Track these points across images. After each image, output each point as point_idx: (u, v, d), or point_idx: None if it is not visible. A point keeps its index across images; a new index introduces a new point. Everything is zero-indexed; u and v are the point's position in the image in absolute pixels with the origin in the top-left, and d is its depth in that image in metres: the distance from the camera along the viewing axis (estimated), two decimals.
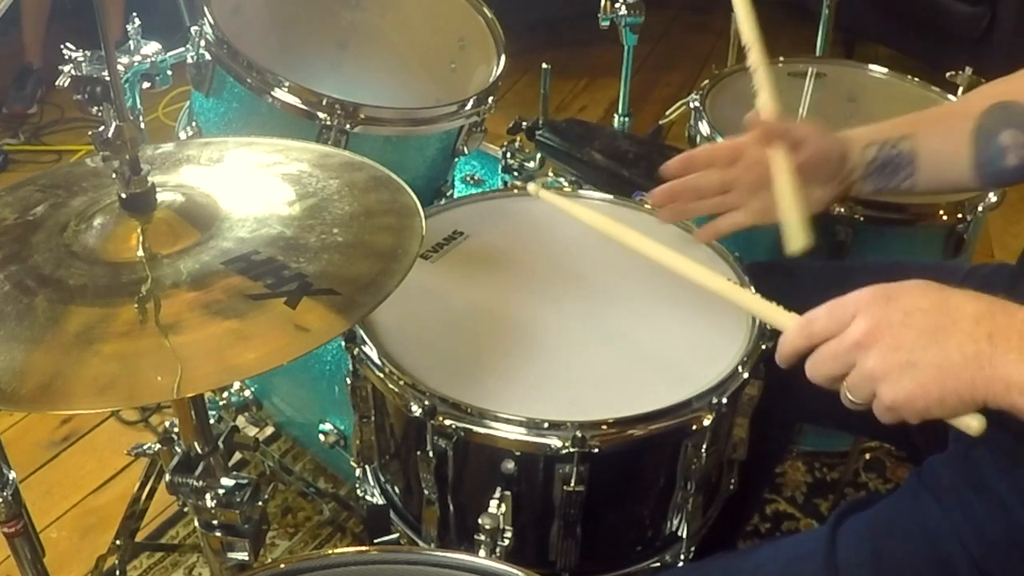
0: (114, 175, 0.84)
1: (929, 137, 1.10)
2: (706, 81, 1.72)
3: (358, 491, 1.23)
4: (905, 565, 0.91)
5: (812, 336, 0.79)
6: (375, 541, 1.13)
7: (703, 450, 1.02)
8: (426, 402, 0.99)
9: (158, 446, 0.95)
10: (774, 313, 0.88)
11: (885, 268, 1.19)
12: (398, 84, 1.63)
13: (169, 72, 1.48)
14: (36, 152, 2.89)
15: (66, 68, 1.35)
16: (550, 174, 1.64)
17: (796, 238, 1.07)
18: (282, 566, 0.85)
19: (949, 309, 0.74)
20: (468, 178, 1.74)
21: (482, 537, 0.96)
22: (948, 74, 1.69)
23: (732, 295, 0.95)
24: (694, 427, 1.01)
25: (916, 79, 1.78)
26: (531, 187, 1.19)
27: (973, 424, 0.74)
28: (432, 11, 1.63)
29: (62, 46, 1.37)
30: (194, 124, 1.50)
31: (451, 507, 1.07)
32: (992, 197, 1.50)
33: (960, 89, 1.73)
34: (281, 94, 1.32)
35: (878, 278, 1.19)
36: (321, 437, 1.48)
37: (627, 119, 1.93)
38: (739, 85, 1.77)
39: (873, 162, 1.09)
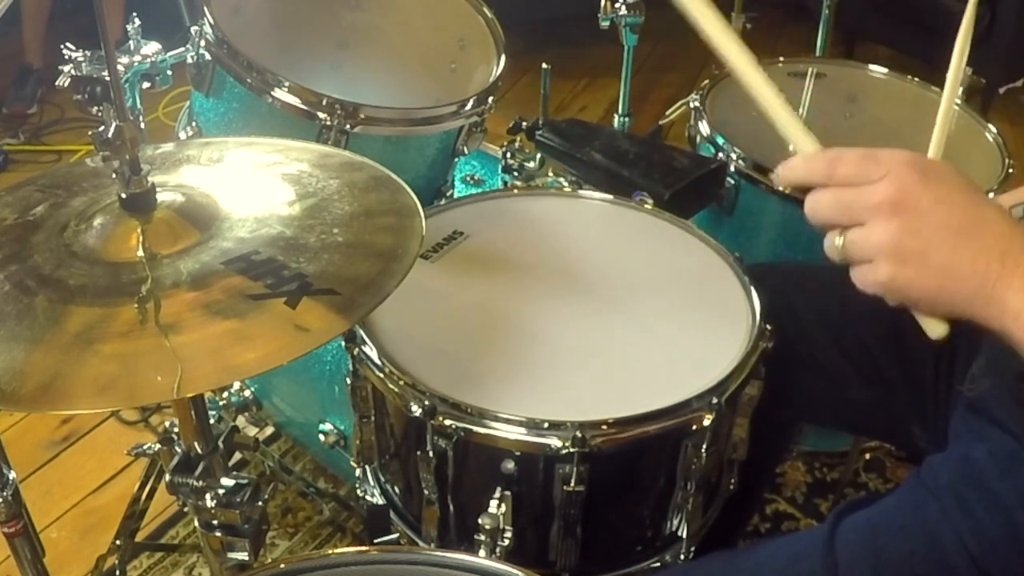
0: (114, 175, 0.84)
1: None
2: (706, 81, 1.73)
3: (358, 491, 1.23)
4: (904, 565, 0.91)
5: (832, 176, 0.75)
6: (375, 541, 1.13)
7: (703, 450, 1.02)
8: (426, 402, 0.99)
9: (158, 446, 0.95)
10: (800, 134, 0.81)
11: None
12: (398, 84, 1.63)
13: (169, 72, 1.48)
14: (36, 152, 2.89)
15: (66, 68, 1.35)
16: (550, 174, 1.64)
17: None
18: (282, 566, 0.85)
19: (976, 215, 0.72)
20: (468, 178, 1.74)
21: (482, 537, 0.96)
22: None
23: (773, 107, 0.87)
24: (694, 427, 1.01)
25: (916, 79, 1.78)
26: None
27: (938, 330, 0.74)
28: (432, 11, 1.63)
29: (62, 46, 1.37)
30: (194, 124, 1.50)
31: (451, 507, 1.07)
32: (991, 196, 1.50)
33: (960, 89, 1.73)
34: (281, 94, 1.32)
35: None
36: (321, 437, 1.48)
37: (627, 119, 1.93)
38: (739, 85, 1.77)
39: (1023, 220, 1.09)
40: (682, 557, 1.12)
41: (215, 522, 0.92)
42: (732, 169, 1.54)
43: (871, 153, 0.74)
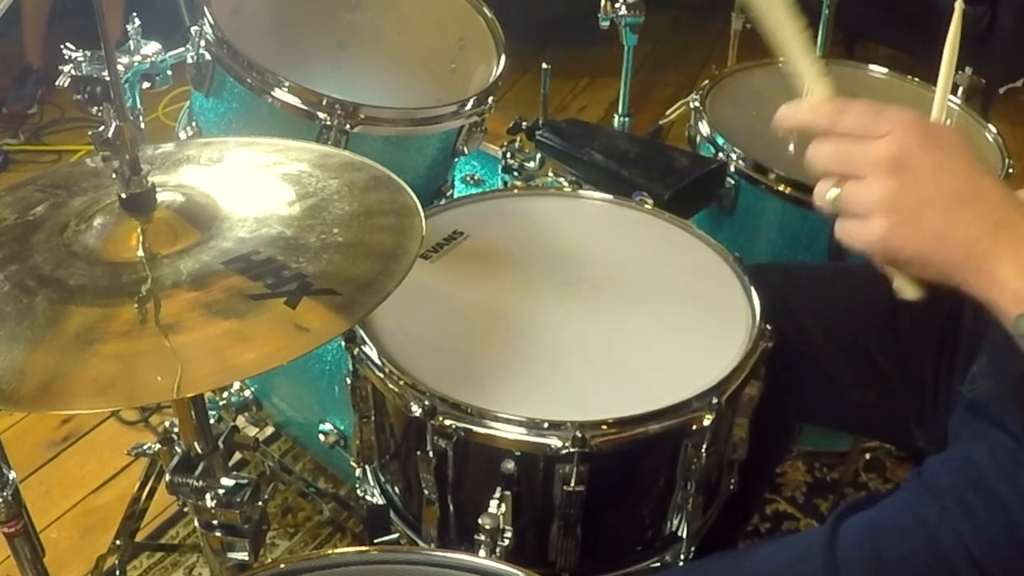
0: (114, 175, 0.84)
1: None
2: (706, 81, 1.73)
3: (358, 491, 1.23)
4: (905, 564, 0.91)
5: (836, 124, 0.75)
6: (375, 541, 1.13)
7: (703, 450, 1.02)
8: (426, 402, 0.99)
9: (158, 446, 0.95)
10: (815, 75, 0.79)
11: None
12: (398, 84, 1.63)
13: (169, 72, 1.48)
14: (36, 152, 2.89)
15: (66, 68, 1.35)
16: (550, 174, 1.64)
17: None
18: (282, 566, 0.85)
19: (974, 184, 0.72)
20: (468, 178, 1.74)
21: (482, 537, 0.96)
22: None
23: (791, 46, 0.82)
24: (694, 427, 1.01)
25: (916, 79, 1.79)
26: None
27: (913, 292, 0.75)
28: (432, 11, 1.63)
29: (62, 46, 1.37)
30: (194, 124, 1.50)
31: (451, 507, 1.07)
32: None
33: (960, 89, 1.73)
34: (281, 94, 1.32)
35: (878, 279, 1.19)
36: (321, 437, 1.48)
37: (627, 119, 1.93)
38: (739, 85, 1.78)
39: None
40: (682, 557, 1.12)
41: (215, 522, 0.92)
42: (732, 169, 1.54)
43: (878, 108, 0.74)
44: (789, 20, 0.82)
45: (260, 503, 0.92)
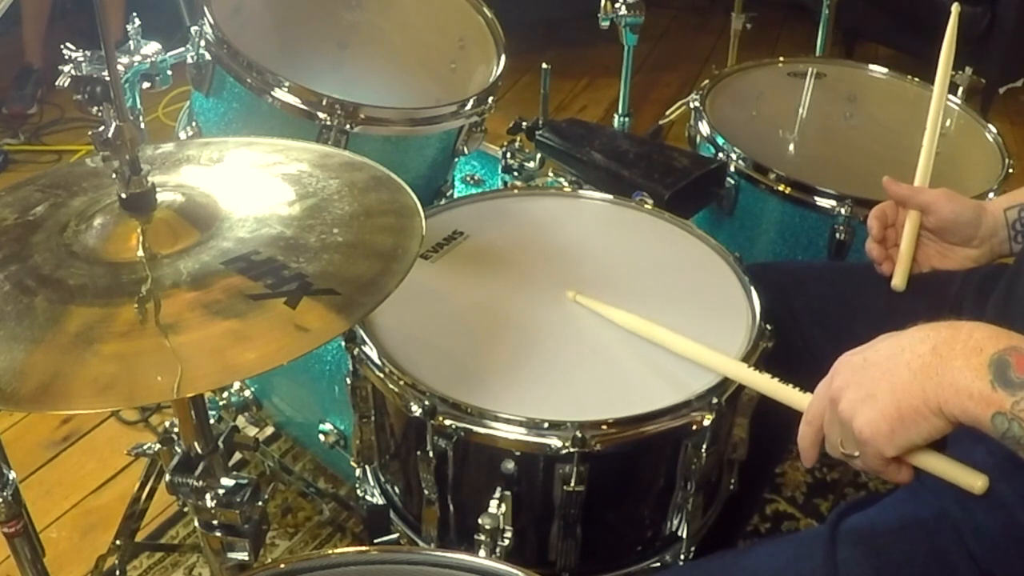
0: (114, 175, 0.84)
1: None
2: (706, 81, 1.73)
3: (358, 491, 1.23)
4: (905, 564, 0.91)
5: (812, 421, 0.84)
6: (375, 541, 1.13)
7: (703, 450, 1.02)
8: (426, 402, 0.99)
9: (158, 446, 0.95)
10: (790, 395, 0.94)
11: None
12: (398, 84, 1.63)
13: (169, 72, 1.48)
14: (36, 152, 2.89)
15: (66, 68, 1.35)
16: (550, 174, 1.64)
17: (898, 279, 1.16)
18: (282, 566, 0.85)
19: (899, 340, 0.78)
20: (468, 178, 1.74)
21: (482, 537, 0.96)
22: None
23: (750, 379, 1.00)
24: (694, 427, 1.01)
25: (916, 79, 1.79)
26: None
27: (977, 484, 0.78)
28: (432, 11, 1.63)
29: (62, 46, 1.37)
30: (194, 124, 1.50)
31: (451, 507, 1.07)
32: (992, 197, 1.50)
33: (960, 89, 1.73)
34: (281, 94, 1.32)
35: (878, 279, 1.19)
36: (321, 437, 1.48)
37: (627, 119, 1.94)
38: (739, 85, 1.78)
39: (1016, 221, 1.15)
40: (682, 557, 1.12)
41: (215, 522, 0.92)
42: (732, 169, 1.54)
43: (823, 381, 0.85)
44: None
45: (260, 503, 0.92)
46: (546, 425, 0.97)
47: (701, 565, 1.08)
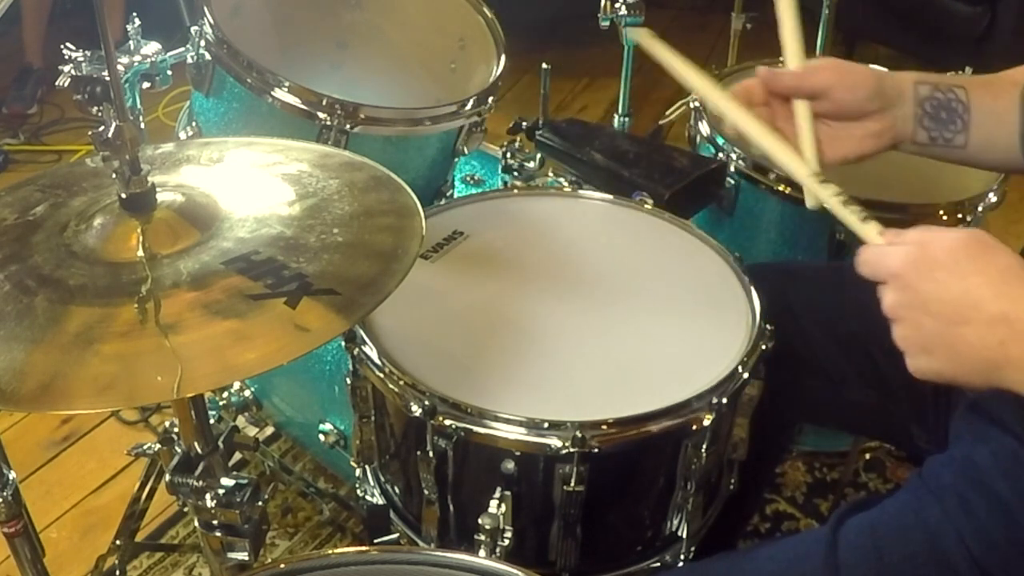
0: (114, 175, 0.84)
1: (980, 93, 1.08)
2: None
3: (358, 491, 1.23)
4: (906, 565, 0.91)
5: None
6: (375, 541, 1.13)
7: (703, 450, 1.02)
8: (426, 402, 0.99)
9: (158, 446, 0.95)
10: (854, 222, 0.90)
11: None
12: (398, 84, 1.63)
13: (169, 72, 1.48)
14: (36, 152, 2.89)
15: (66, 68, 1.35)
16: (550, 174, 1.64)
17: (809, 196, 1.02)
18: (282, 566, 0.85)
19: (968, 305, 0.75)
20: (468, 178, 1.74)
21: (482, 537, 0.96)
22: (948, 74, 1.69)
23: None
24: (694, 427, 1.01)
25: None
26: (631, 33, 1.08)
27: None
28: (432, 11, 1.63)
29: (62, 46, 1.37)
30: (194, 124, 1.50)
31: (451, 507, 1.07)
32: (992, 197, 1.50)
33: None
34: (281, 94, 1.32)
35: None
36: (321, 437, 1.48)
37: (627, 119, 1.93)
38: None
39: (926, 100, 1.05)
40: (682, 557, 1.12)
41: (215, 522, 0.92)
42: (732, 169, 1.54)
43: (878, 257, 0.83)
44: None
45: (260, 503, 0.92)
46: (546, 425, 0.97)
47: (701, 566, 1.08)
